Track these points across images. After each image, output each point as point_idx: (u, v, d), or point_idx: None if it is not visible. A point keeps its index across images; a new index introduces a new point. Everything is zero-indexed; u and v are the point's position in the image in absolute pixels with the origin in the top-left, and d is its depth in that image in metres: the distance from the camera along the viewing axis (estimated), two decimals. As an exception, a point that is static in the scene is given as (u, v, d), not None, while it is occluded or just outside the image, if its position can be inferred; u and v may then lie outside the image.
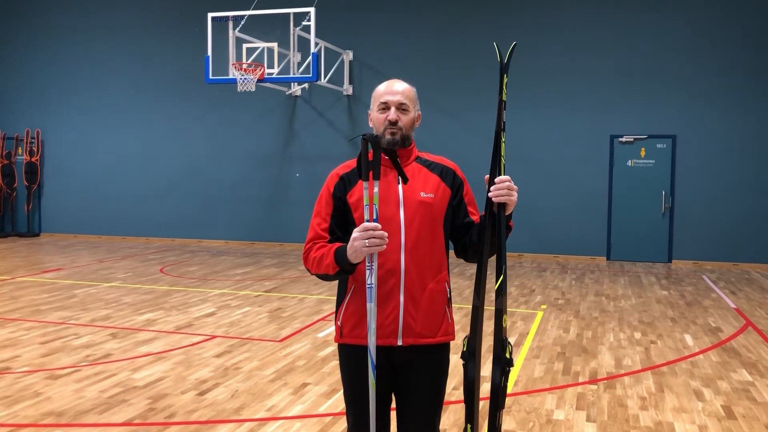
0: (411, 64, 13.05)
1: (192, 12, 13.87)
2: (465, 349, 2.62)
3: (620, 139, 12.54)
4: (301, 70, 12.40)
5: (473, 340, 2.60)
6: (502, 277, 2.55)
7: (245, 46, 11.95)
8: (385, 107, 2.64)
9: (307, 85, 13.55)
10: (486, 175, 2.59)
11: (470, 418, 2.60)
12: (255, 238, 14.37)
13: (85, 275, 10.35)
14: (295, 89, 13.77)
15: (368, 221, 2.47)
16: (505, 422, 4.45)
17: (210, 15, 11.71)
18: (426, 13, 13.30)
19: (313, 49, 11.40)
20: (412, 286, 2.59)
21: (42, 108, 15.64)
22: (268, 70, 11.85)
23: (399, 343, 2.60)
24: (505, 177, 2.56)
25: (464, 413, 2.63)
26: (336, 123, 13.82)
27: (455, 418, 4.54)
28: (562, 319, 7.70)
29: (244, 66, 11.57)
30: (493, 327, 2.56)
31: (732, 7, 12.00)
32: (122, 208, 15.11)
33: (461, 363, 2.63)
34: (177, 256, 12.73)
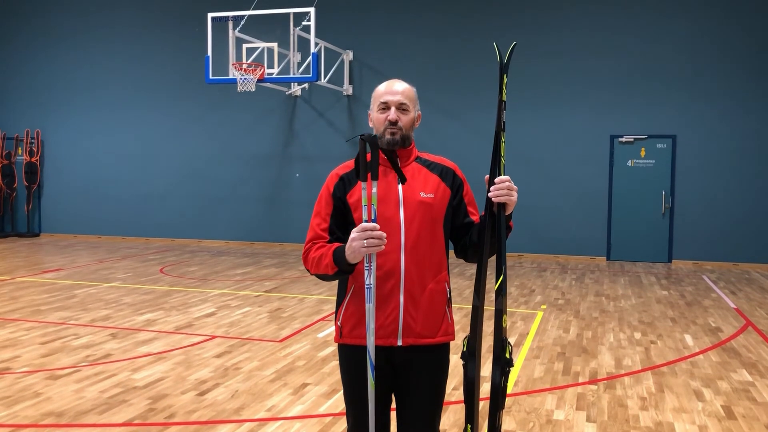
0: (411, 64, 13.05)
1: (192, 12, 13.87)
2: (465, 349, 2.62)
3: (620, 139, 12.54)
4: (301, 70, 12.41)
5: (473, 340, 2.60)
6: (502, 277, 2.55)
7: (245, 46, 11.96)
8: (385, 107, 2.64)
9: (307, 85, 13.55)
10: (486, 175, 2.59)
11: (470, 418, 2.60)
12: (255, 239, 14.37)
13: (85, 275, 10.36)
14: (295, 89, 13.77)
15: (366, 221, 2.47)
16: (505, 422, 4.45)
17: (210, 15, 11.71)
18: (426, 13, 13.30)
19: (313, 49, 11.40)
20: (412, 286, 2.59)
21: (42, 108, 15.65)
22: (268, 70, 11.85)
23: (399, 343, 2.60)
24: (505, 177, 2.56)
25: (464, 413, 2.63)
26: (336, 123, 13.82)
27: (455, 418, 4.54)
28: (562, 319, 7.70)
29: (244, 66, 11.57)
30: (493, 327, 2.56)
31: (732, 7, 12.00)
32: (122, 208, 15.11)
33: (461, 363, 2.63)
34: (177, 256, 12.73)
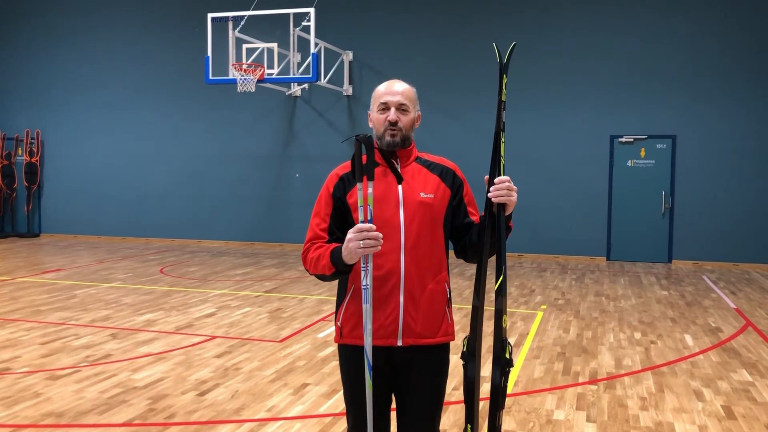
0: (411, 64, 13.05)
1: (192, 12, 13.87)
2: (465, 349, 2.62)
3: (620, 140, 12.54)
4: (300, 70, 12.41)
5: (473, 340, 2.60)
6: (501, 277, 2.55)
7: (245, 46, 11.96)
8: (384, 108, 2.64)
9: (306, 85, 13.55)
10: (486, 176, 2.59)
11: (470, 418, 2.60)
12: (255, 239, 14.37)
13: (85, 276, 10.36)
14: (295, 89, 13.77)
15: (363, 222, 2.47)
16: (505, 422, 4.45)
17: (210, 15, 11.71)
18: (426, 13, 13.30)
19: (313, 50, 11.39)
20: (412, 286, 2.59)
21: (42, 108, 15.65)
22: (267, 71, 11.85)
23: (399, 343, 2.60)
24: (504, 177, 2.56)
25: (464, 413, 2.63)
26: (336, 123, 13.82)
27: (455, 419, 4.54)
28: (562, 319, 7.70)
29: (244, 66, 11.57)
30: (493, 327, 2.56)
31: (732, 7, 12.00)
32: (122, 208, 15.11)
33: (461, 363, 2.63)
34: (177, 256, 12.73)
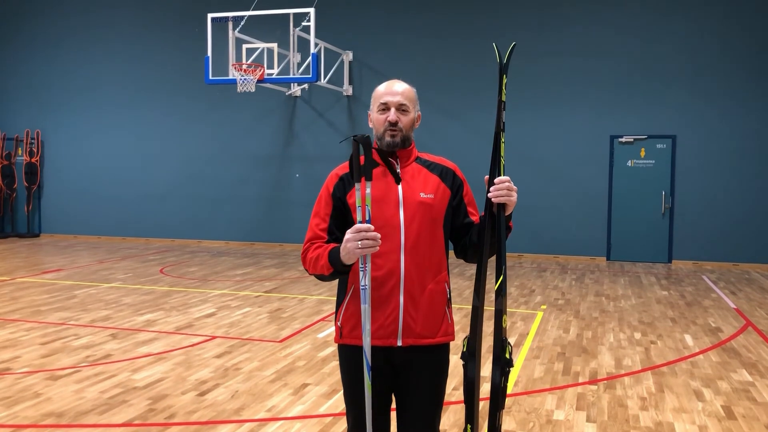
0: (411, 64, 13.05)
1: (192, 12, 13.88)
2: (465, 349, 2.62)
3: (620, 140, 12.54)
4: (300, 70, 12.41)
5: (473, 340, 2.60)
6: (501, 277, 2.55)
7: (245, 46, 11.96)
8: (385, 108, 2.64)
9: (306, 85, 13.55)
10: (486, 176, 2.59)
11: (470, 418, 2.60)
12: (255, 239, 14.37)
13: (85, 276, 10.36)
14: (295, 90, 13.77)
15: (361, 223, 2.47)
16: (505, 422, 4.45)
17: (210, 15, 11.71)
18: (426, 13, 13.30)
19: (313, 50, 11.39)
20: (412, 286, 2.59)
21: (42, 109, 15.65)
22: (267, 71, 11.85)
23: (399, 343, 2.60)
24: (504, 177, 2.56)
25: (464, 413, 2.63)
26: (336, 123, 13.82)
27: (455, 419, 4.54)
28: (562, 319, 7.70)
29: (243, 66, 11.57)
30: (493, 327, 2.56)
31: (732, 7, 12.00)
32: (122, 208, 15.11)
33: (461, 363, 2.63)
34: (177, 256, 12.73)
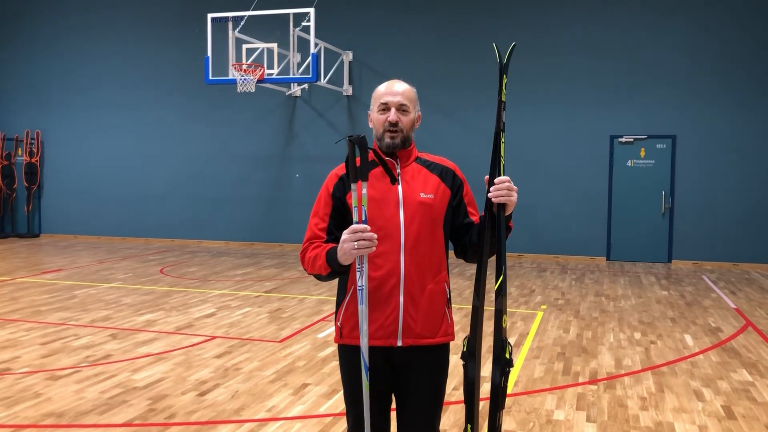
0: (411, 64, 13.05)
1: (192, 12, 13.88)
2: (465, 349, 2.62)
3: (620, 140, 12.54)
4: (300, 70, 12.41)
5: (473, 340, 2.60)
6: (501, 277, 2.55)
7: (245, 46, 11.96)
8: (385, 108, 2.64)
9: (306, 85, 13.55)
10: (486, 176, 2.59)
11: (470, 418, 2.60)
12: (255, 239, 14.37)
13: (85, 276, 10.36)
14: (295, 90, 13.77)
15: (357, 223, 2.47)
16: (505, 422, 4.45)
17: (210, 15, 11.71)
18: (426, 13, 13.30)
19: (313, 50, 11.39)
20: (412, 286, 2.59)
21: (42, 109, 15.65)
22: (267, 71, 11.85)
23: (399, 343, 2.60)
24: (504, 177, 2.56)
25: (464, 413, 2.63)
26: (336, 123, 13.82)
27: (455, 419, 4.54)
28: (562, 319, 7.70)
29: (243, 66, 11.57)
30: (493, 327, 2.56)
31: (732, 7, 11.99)
32: (122, 208, 15.11)
33: (461, 363, 2.63)
34: (177, 256, 12.73)
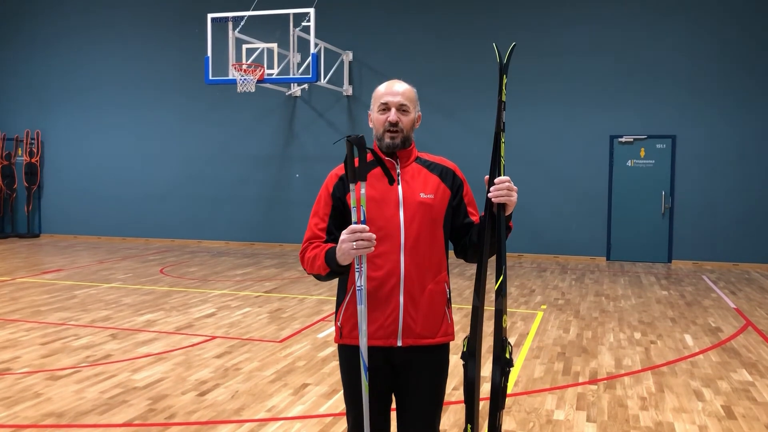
0: (411, 64, 13.05)
1: (192, 12, 13.88)
2: (465, 349, 2.62)
3: (620, 140, 12.55)
4: (300, 70, 12.41)
5: (473, 340, 2.60)
6: (502, 277, 2.55)
7: (245, 46, 11.96)
8: (385, 108, 2.64)
9: (306, 85, 13.55)
10: (486, 176, 2.59)
11: (470, 418, 2.60)
12: (255, 239, 14.37)
13: (85, 276, 10.36)
14: (295, 90, 13.77)
15: (356, 223, 2.47)
16: (506, 422, 4.45)
17: (210, 15, 11.71)
18: (426, 13, 13.30)
19: (313, 50, 11.40)
20: (412, 286, 2.59)
21: (42, 109, 15.65)
22: (267, 71, 11.85)
23: (399, 343, 2.60)
24: (504, 177, 2.56)
25: (464, 413, 2.63)
26: (336, 123, 13.82)
27: (455, 419, 4.54)
28: (562, 319, 7.70)
29: (243, 66, 11.57)
30: (493, 327, 2.56)
31: (732, 6, 11.99)
32: (122, 208, 15.11)
33: (461, 363, 2.63)
34: (177, 256, 12.73)
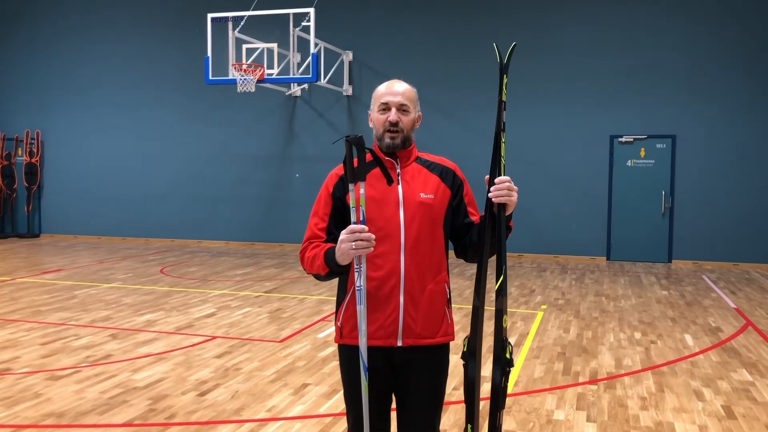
0: (411, 64, 13.05)
1: (192, 12, 13.88)
2: (465, 349, 2.62)
3: (620, 139, 12.55)
4: (300, 70, 12.41)
5: (473, 340, 2.60)
6: (502, 277, 2.55)
7: (245, 46, 11.96)
8: (385, 108, 2.64)
9: (306, 85, 13.55)
10: (486, 176, 2.59)
11: (470, 418, 2.60)
12: (255, 239, 14.37)
13: (85, 276, 10.35)
14: (295, 90, 13.77)
15: (355, 223, 2.47)
16: (506, 422, 4.45)
17: (210, 15, 11.71)
18: (426, 13, 13.30)
19: (313, 50, 11.39)
20: (412, 286, 2.59)
21: (42, 109, 15.65)
22: (267, 71, 11.85)
23: (399, 343, 2.60)
24: (505, 177, 2.56)
25: (464, 413, 2.63)
26: (336, 123, 13.82)
27: (455, 419, 4.54)
28: (562, 319, 7.70)
29: (243, 66, 11.57)
30: (494, 327, 2.56)
31: (732, 6, 11.99)
32: (122, 208, 15.11)
33: (461, 363, 2.63)
34: (177, 256, 12.73)
